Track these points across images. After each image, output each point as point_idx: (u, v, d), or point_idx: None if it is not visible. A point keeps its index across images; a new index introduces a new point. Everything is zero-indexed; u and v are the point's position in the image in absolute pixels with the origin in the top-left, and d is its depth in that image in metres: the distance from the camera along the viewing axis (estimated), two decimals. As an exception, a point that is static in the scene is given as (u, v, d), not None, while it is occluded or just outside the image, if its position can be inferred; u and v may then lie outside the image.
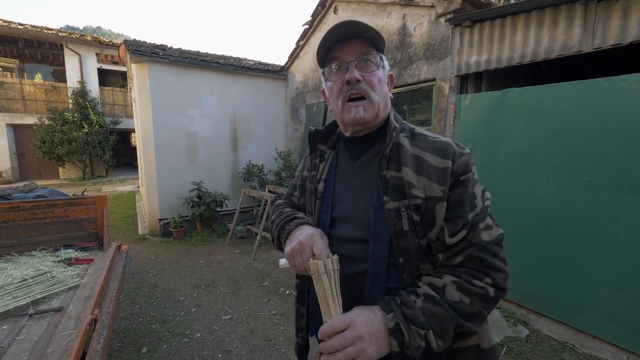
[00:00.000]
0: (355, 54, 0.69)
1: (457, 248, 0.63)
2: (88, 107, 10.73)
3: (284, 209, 0.85)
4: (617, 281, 2.03)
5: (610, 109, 2.03)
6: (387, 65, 0.75)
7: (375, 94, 0.69)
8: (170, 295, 2.98)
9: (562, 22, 2.24)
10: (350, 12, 4.09)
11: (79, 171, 11.29)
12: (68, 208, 2.29)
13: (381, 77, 0.71)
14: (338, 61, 0.70)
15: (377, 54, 0.71)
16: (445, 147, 0.67)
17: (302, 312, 0.84)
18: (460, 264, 0.62)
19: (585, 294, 2.18)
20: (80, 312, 1.41)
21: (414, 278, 0.65)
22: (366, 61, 0.69)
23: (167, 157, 4.66)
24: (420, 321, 0.57)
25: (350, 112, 0.70)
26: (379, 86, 0.70)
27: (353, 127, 0.74)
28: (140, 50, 4.37)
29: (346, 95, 0.70)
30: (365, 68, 0.69)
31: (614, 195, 2.03)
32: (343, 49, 0.70)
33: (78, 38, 11.27)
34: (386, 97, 0.74)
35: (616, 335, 2.05)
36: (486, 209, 0.66)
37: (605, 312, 2.09)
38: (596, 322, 2.13)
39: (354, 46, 0.69)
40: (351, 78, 0.67)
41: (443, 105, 3.06)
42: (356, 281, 0.68)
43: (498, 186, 2.64)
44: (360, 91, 0.68)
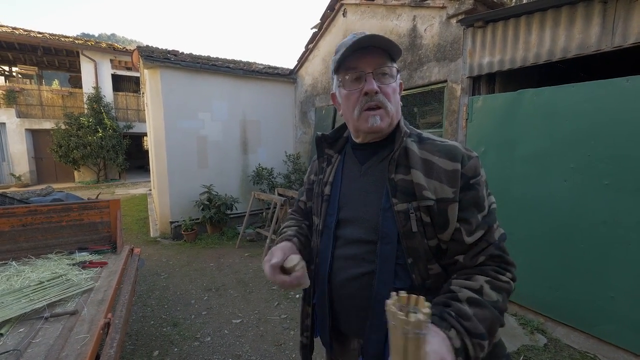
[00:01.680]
0: (373, 65, 0.70)
1: (477, 248, 0.65)
2: (102, 112, 11.04)
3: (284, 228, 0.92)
4: (641, 289, 1.94)
5: (632, 110, 1.95)
6: (399, 76, 0.77)
7: (391, 105, 0.71)
8: (181, 298, 3.00)
9: (580, 20, 2.17)
10: (359, 15, 4.08)
11: (93, 174, 11.60)
12: (83, 212, 2.34)
13: (395, 87, 0.74)
14: (356, 71, 0.71)
15: (393, 65, 0.73)
16: (453, 150, 0.69)
17: (308, 312, 0.86)
18: (483, 263, 0.65)
19: (606, 301, 2.09)
20: (94, 316, 1.42)
21: (422, 278, 0.68)
22: (384, 74, 0.71)
23: (178, 161, 4.73)
24: (480, 332, 0.57)
25: (368, 121, 0.71)
26: (394, 97, 0.73)
27: (367, 135, 0.76)
28: (152, 56, 4.46)
29: (364, 105, 0.71)
30: (382, 79, 0.71)
31: (636, 199, 1.94)
32: (362, 59, 0.70)
33: (93, 45, 11.63)
34: (398, 106, 0.76)
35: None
36: (494, 211, 0.70)
37: (628, 321, 2.00)
38: (619, 331, 2.04)
39: (373, 57, 0.70)
40: (370, 90, 0.69)
41: (455, 107, 3.01)
42: (364, 281, 0.70)
43: (513, 190, 2.57)
44: (377, 102, 0.70)
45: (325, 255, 0.77)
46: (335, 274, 0.75)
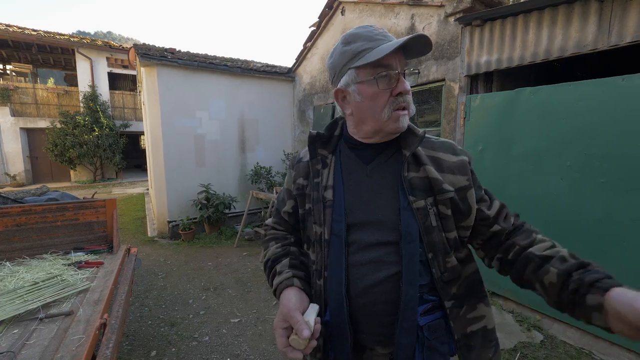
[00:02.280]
0: (403, 64, 0.69)
1: (502, 213, 0.73)
2: (98, 111, 10.95)
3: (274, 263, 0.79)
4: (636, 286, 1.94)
5: (627, 109, 1.96)
6: None
7: (412, 105, 0.73)
8: (178, 297, 2.99)
9: (576, 19, 2.17)
10: (357, 13, 4.07)
11: (89, 174, 11.52)
12: (78, 211, 2.32)
13: None
14: (388, 69, 0.66)
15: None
16: (452, 146, 0.77)
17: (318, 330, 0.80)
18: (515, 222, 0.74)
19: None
20: (90, 316, 1.41)
21: (441, 272, 0.69)
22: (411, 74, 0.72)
23: (175, 160, 4.71)
24: None
25: (399, 122, 0.69)
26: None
27: (387, 136, 0.73)
28: (149, 54, 4.42)
29: (395, 106, 0.68)
30: (410, 79, 0.72)
31: (633, 197, 1.96)
32: (395, 57, 0.67)
33: (89, 43, 11.52)
34: None
35: (636, 342, 1.97)
36: None
37: (625, 319, 2.01)
38: (615, 329, 2.05)
39: (402, 56, 0.69)
40: (405, 91, 0.68)
41: (453, 105, 3.01)
42: (388, 284, 0.67)
43: (510, 188, 2.57)
44: (406, 104, 0.70)
45: (338, 265, 0.69)
46: (353, 283, 0.69)
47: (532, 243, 0.69)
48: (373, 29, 0.69)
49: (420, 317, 0.67)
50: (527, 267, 0.67)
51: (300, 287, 0.73)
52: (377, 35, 0.67)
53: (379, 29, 0.69)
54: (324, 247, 0.72)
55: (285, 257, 0.80)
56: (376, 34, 0.68)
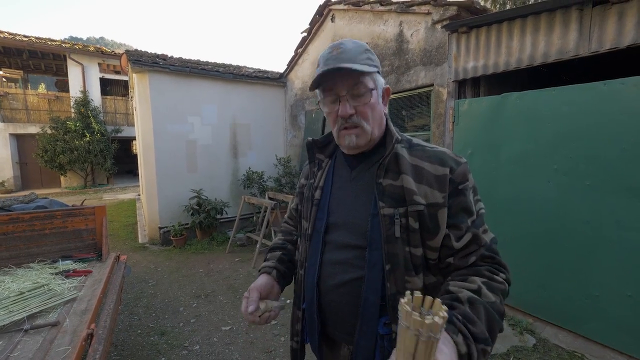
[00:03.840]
0: (347, 86, 0.69)
1: (467, 250, 0.66)
2: (90, 116, 10.82)
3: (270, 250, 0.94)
4: (624, 287, 1.99)
5: (609, 113, 2.02)
6: (381, 81, 0.74)
7: (367, 124, 0.71)
8: (169, 305, 2.95)
9: (558, 26, 2.24)
10: (347, 20, 4.13)
11: (80, 179, 11.34)
12: (67, 219, 2.28)
13: (374, 102, 0.71)
14: (331, 93, 0.71)
15: (370, 78, 0.71)
16: (442, 155, 0.71)
17: (298, 317, 0.85)
18: (475, 263, 0.65)
19: (592, 300, 2.14)
20: (77, 327, 1.39)
21: (397, 288, 0.65)
22: (358, 93, 0.69)
23: (167, 165, 4.67)
24: (485, 337, 0.55)
25: (345, 140, 0.73)
26: (372, 113, 0.72)
27: (349, 150, 0.77)
28: (141, 60, 4.42)
29: (341, 126, 0.72)
30: (358, 99, 0.70)
31: (617, 199, 2.00)
32: (336, 81, 0.70)
33: (81, 49, 11.43)
34: (380, 118, 0.75)
35: (627, 343, 1.99)
36: (482, 216, 0.70)
37: (613, 319, 2.04)
38: (605, 330, 2.08)
39: (346, 79, 0.69)
40: (343, 115, 0.70)
41: (442, 110, 3.06)
42: (352, 287, 0.70)
43: (499, 191, 2.62)
44: (353, 123, 0.71)
45: (314, 260, 0.76)
46: (324, 279, 0.74)
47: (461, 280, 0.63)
48: (331, 50, 0.70)
49: (382, 326, 0.67)
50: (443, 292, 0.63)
51: (275, 278, 0.84)
52: (329, 60, 0.69)
53: (338, 49, 0.69)
54: (306, 241, 0.80)
55: (280, 250, 0.92)
56: (328, 58, 0.70)
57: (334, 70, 0.67)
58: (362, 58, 0.69)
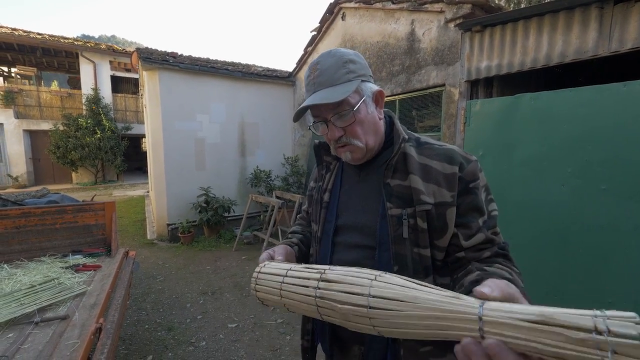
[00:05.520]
0: (331, 112, 0.69)
1: (480, 246, 0.64)
2: (101, 114, 11.02)
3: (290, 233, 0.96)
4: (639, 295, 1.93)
5: (628, 115, 1.95)
6: (370, 88, 0.71)
7: (359, 141, 0.70)
8: (176, 301, 2.97)
9: (577, 25, 2.18)
10: (358, 19, 4.09)
11: (91, 176, 11.55)
12: (77, 214, 2.31)
13: (362, 116, 0.69)
14: (319, 118, 0.72)
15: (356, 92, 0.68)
16: (451, 153, 0.68)
17: (308, 317, 0.84)
18: (489, 257, 0.63)
19: (605, 307, 2.05)
20: (86, 321, 1.40)
21: None
22: (342, 115, 0.68)
23: (176, 162, 4.72)
24: None
25: (342, 156, 0.74)
26: (362, 128, 0.70)
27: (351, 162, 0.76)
28: (151, 58, 4.46)
29: (334, 145, 0.74)
30: (345, 119, 0.68)
31: (635, 204, 1.94)
32: (320, 107, 0.69)
33: (93, 47, 11.64)
34: (375, 126, 0.72)
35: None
36: (495, 217, 0.68)
37: (628, 328, 1.98)
38: (618, 338, 2.02)
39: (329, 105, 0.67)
40: (332, 138, 0.71)
41: (453, 110, 3.01)
42: None
43: (511, 194, 2.56)
44: (344, 143, 0.71)
45: (324, 262, 0.76)
46: None
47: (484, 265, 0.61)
48: (310, 73, 0.70)
49: None
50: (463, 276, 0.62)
51: (296, 253, 0.83)
52: (309, 85, 0.70)
53: (315, 70, 0.68)
54: (316, 244, 0.81)
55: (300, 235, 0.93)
56: (307, 83, 0.71)
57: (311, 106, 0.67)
58: (341, 74, 0.66)
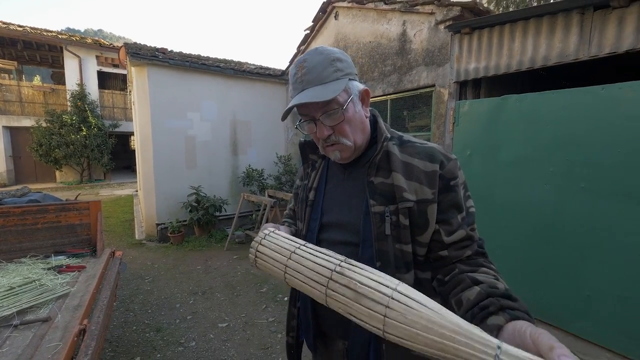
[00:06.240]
0: (320, 110, 0.68)
1: (461, 244, 0.66)
2: (87, 110, 10.72)
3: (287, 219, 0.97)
4: (614, 288, 2.02)
5: (606, 117, 2.02)
6: (356, 88, 0.71)
7: (347, 140, 0.71)
8: (165, 302, 2.92)
9: (559, 30, 2.24)
10: (350, 18, 4.11)
11: (76, 174, 11.23)
12: (60, 213, 2.25)
13: (351, 114, 0.70)
14: (307, 117, 0.71)
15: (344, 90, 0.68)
16: (432, 152, 0.70)
17: (293, 314, 0.86)
18: (471, 257, 0.65)
19: (583, 300, 2.16)
20: (69, 322, 1.36)
21: None
22: (331, 114, 0.68)
23: (165, 161, 4.63)
24: None
25: (331, 155, 0.75)
26: (351, 127, 0.70)
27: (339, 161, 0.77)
28: (139, 54, 4.37)
29: (323, 144, 0.74)
30: (334, 118, 0.68)
31: (612, 202, 2.02)
32: (308, 106, 0.69)
33: (78, 40, 11.30)
34: (362, 124, 0.73)
35: (614, 341, 2.03)
36: (473, 214, 0.70)
37: (603, 318, 2.07)
38: (593, 328, 2.12)
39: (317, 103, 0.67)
40: (321, 137, 0.71)
41: (442, 111, 3.05)
42: None
43: (497, 193, 2.62)
44: (332, 142, 0.71)
45: None
46: None
47: (473, 271, 0.62)
48: (296, 70, 0.69)
49: None
50: (457, 287, 0.61)
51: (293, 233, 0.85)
52: (295, 83, 0.70)
53: (302, 68, 0.67)
54: None
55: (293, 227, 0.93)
56: (294, 81, 0.70)
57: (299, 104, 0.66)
58: (329, 72, 0.66)
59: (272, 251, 0.65)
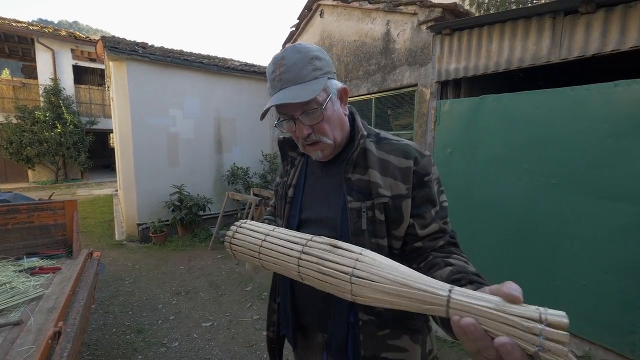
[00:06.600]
0: (299, 110, 0.68)
1: (435, 235, 0.68)
2: (61, 106, 10.22)
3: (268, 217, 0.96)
4: (580, 277, 2.14)
5: (575, 117, 2.14)
6: (335, 86, 0.72)
7: (327, 138, 0.71)
8: (147, 303, 2.86)
9: (533, 33, 2.35)
10: (336, 16, 4.12)
11: (51, 174, 10.72)
12: (33, 213, 2.15)
13: (330, 113, 0.70)
14: (286, 115, 0.71)
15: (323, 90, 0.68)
16: (407, 149, 0.72)
17: (274, 309, 0.87)
18: (444, 246, 0.68)
19: (552, 290, 2.28)
20: (42, 325, 1.31)
21: None
22: (310, 113, 0.68)
23: (146, 159, 4.50)
24: None
25: (312, 155, 0.75)
26: (330, 125, 0.71)
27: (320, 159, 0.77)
28: (118, 48, 4.21)
29: (303, 143, 0.73)
30: (313, 117, 0.69)
31: (579, 197, 2.14)
32: (287, 106, 0.68)
33: (51, 32, 10.74)
34: (341, 122, 0.73)
35: (579, 327, 2.15)
36: (446, 208, 0.73)
37: (570, 306, 2.19)
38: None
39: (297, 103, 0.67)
40: (300, 136, 0.71)
41: (424, 110, 3.13)
42: None
43: (476, 189, 2.71)
44: (313, 141, 0.71)
45: None
46: None
47: (446, 257, 0.64)
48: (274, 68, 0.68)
49: (353, 314, 0.69)
50: (431, 269, 0.63)
51: None
52: (273, 81, 0.69)
53: (281, 66, 0.67)
54: None
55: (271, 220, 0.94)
56: (272, 79, 0.69)
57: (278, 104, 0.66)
58: (308, 71, 0.66)
59: (247, 237, 0.67)
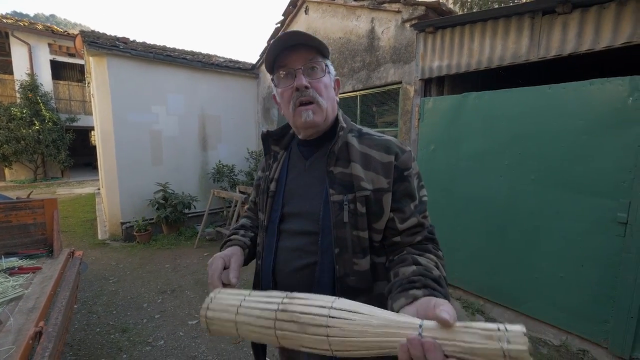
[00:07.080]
0: (302, 61, 0.72)
1: (413, 230, 0.70)
2: (39, 103, 9.82)
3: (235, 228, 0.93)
4: (558, 269, 2.24)
5: (552, 114, 2.23)
6: (332, 71, 0.78)
7: (322, 99, 0.73)
8: (132, 302, 2.82)
9: (513, 32, 2.42)
10: (320, 13, 4.12)
11: (29, 172, 10.30)
12: (10, 212, 2.08)
13: (327, 83, 0.75)
14: (286, 68, 0.73)
15: (323, 61, 0.74)
16: (388, 144, 0.74)
17: None
18: (421, 242, 0.70)
19: (532, 282, 2.38)
20: (23, 325, 1.29)
21: (346, 270, 0.69)
22: (313, 68, 0.72)
23: (129, 157, 4.40)
24: None
25: (302, 116, 0.73)
26: (326, 91, 0.74)
27: (305, 131, 0.77)
28: (98, 43, 4.08)
29: (296, 101, 0.72)
30: (312, 74, 0.72)
31: (556, 192, 2.23)
32: (290, 56, 0.72)
33: (27, 26, 10.27)
34: (333, 101, 0.77)
35: (557, 318, 2.26)
36: (425, 202, 0.75)
37: (548, 297, 2.30)
38: (541, 307, 2.33)
39: (300, 54, 0.72)
40: (299, 85, 0.71)
41: (409, 107, 3.19)
42: (307, 271, 0.72)
43: (459, 185, 2.79)
44: (309, 97, 0.72)
45: (270, 249, 0.78)
46: (280, 266, 0.76)
47: (419, 255, 0.66)
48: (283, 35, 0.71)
49: None
50: (399, 263, 0.66)
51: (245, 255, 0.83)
52: (278, 40, 0.71)
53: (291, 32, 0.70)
54: (263, 232, 0.82)
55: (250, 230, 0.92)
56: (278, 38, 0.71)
57: (291, 45, 0.70)
58: (317, 40, 0.72)
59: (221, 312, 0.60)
